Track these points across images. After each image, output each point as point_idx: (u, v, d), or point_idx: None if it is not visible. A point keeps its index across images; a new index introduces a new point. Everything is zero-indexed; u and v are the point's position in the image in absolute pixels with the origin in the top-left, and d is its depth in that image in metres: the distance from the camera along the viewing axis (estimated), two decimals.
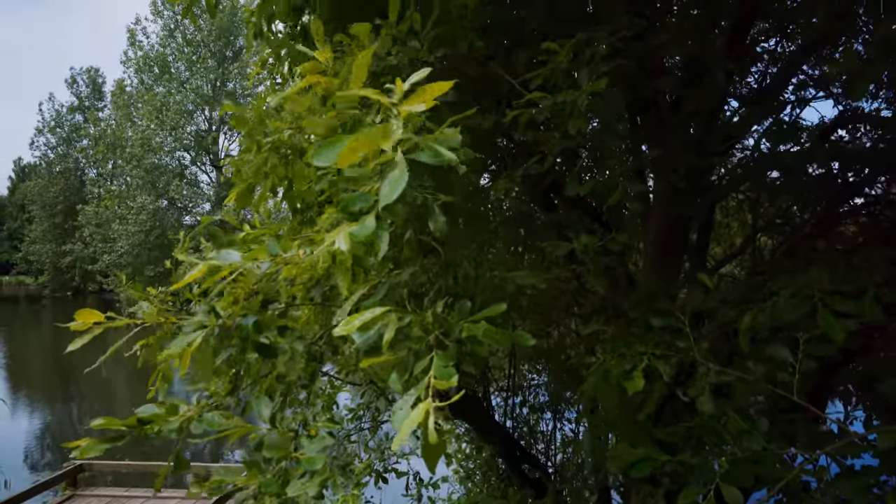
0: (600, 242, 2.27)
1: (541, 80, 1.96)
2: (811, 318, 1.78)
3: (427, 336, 1.28)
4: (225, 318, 1.75)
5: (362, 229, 1.25)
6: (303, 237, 2.88)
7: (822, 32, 4.25)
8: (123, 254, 35.11)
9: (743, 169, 4.27)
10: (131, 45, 40.35)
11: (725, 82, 2.97)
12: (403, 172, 1.12)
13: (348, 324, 1.21)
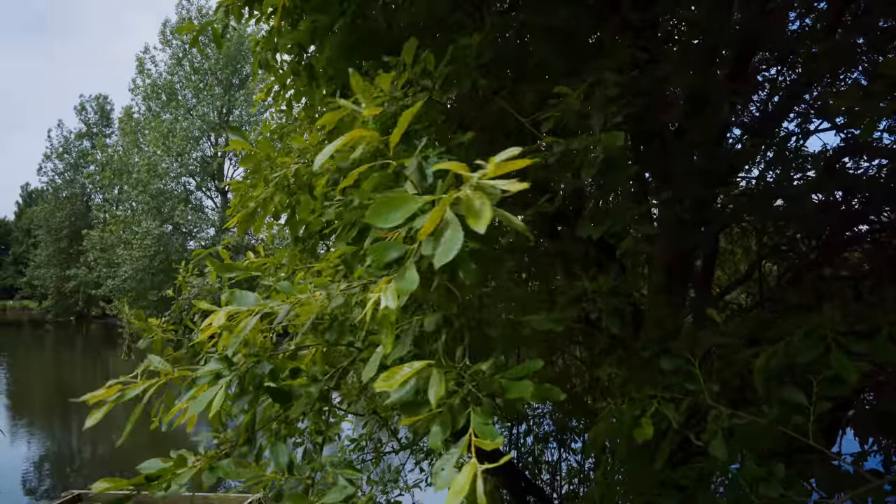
0: (613, 283, 2.25)
1: (552, 122, 1.97)
2: (824, 357, 1.74)
3: (461, 390, 1.26)
4: (239, 365, 1.72)
5: (407, 283, 1.22)
6: (309, 271, 2.87)
7: (823, 63, 4.28)
8: (127, 279, 35.16)
9: (747, 197, 4.26)
10: (140, 73, 41.05)
11: (728, 113, 2.98)
12: (459, 232, 1.10)
13: (388, 378, 1.18)
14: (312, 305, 1.86)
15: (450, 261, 1.58)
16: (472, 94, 2.21)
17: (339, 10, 2.52)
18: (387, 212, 1.17)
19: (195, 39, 4.50)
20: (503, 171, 1.12)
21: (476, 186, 1.11)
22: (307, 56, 3.19)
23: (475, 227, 1.09)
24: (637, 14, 3.20)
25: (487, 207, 1.08)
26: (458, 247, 1.11)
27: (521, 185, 1.10)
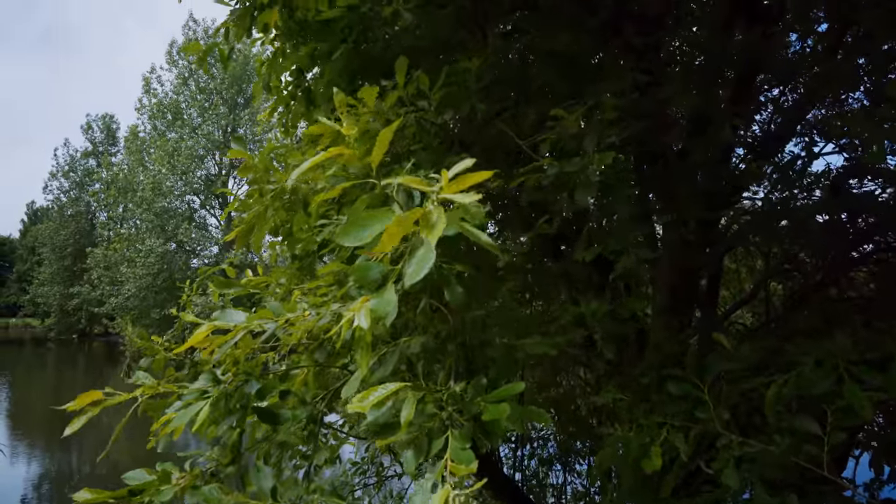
0: (610, 307, 2.22)
1: (549, 145, 1.96)
2: (837, 386, 1.70)
3: (441, 413, 1.22)
4: (226, 383, 1.69)
5: (384, 305, 1.20)
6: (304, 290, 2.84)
7: (824, 85, 4.28)
8: (130, 297, 35.18)
9: (752, 218, 4.24)
10: (146, 93, 41.52)
11: (731, 134, 2.97)
12: (431, 251, 1.08)
13: (362, 400, 1.15)
14: (302, 325, 1.83)
15: (437, 283, 1.56)
16: (472, 116, 2.20)
17: (341, 36, 2.54)
18: (356, 230, 1.14)
19: (201, 60, 4.55)
20: (461, 186, 1.10)
21: (441, 202, 1.09)
22: (307, 80, 3.20)
23: (429, 239, 1.07)
24: (639, 37, 3.21)
25: (443, 219, 1.06)
26: (429, 265, 1.08)
27: (474, 197, 1.08)
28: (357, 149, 1.60)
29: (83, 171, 54.64)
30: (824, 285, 4.74)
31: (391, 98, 1.83)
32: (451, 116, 2.03)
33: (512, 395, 1.27)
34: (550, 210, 2.21)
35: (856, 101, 5.68)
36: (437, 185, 1.06)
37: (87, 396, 1.50)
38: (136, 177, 38.97)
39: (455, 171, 1.06)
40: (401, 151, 1.91)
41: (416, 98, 1.95)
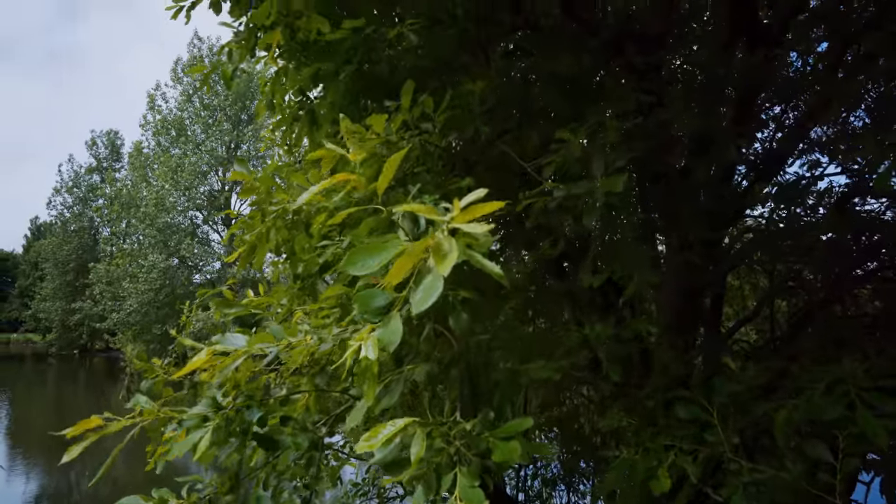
0: (614, 330, 2.20)
1: (553, 167, 1.95)
2: (849, 412, 1.67)
3: (449, 447, 1.20)
4: (227, 408, 1.67)
5: (390, 334, 1.18)
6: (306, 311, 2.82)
7: (825, 103, 4.29)
8: (132, 312, 35.12)
9: (755, 237, 4.22)
10: (150, 110, 41.85)
11: (735, 155, 2.97)
12: (439, 280, 1.06)
13: (370, 439, 1.13)
14: (303, 349, 1.82)
15: (441, 310, 1.54)
16: (475, 138, 2.20)
17: (345, 58, 2.55)
18: (363, 259, 1.13)
19: (206, 80, 4.58)
20: (472, 216, 1.09)
21: (450, 231, 1.08)
22: (310, 100, 3.21)
23: (439, 271, 1.05)
24: (641, 57, 3.23)
25: (455, 250, 1.04)
26: (437, 294, 1.07)
27: (486, 228, 1.07)
28: (363, 173, 1.59)
29: (87, 186, 54.89)
30: (829, 303, 4.71)
31: (396, 121, 1.83)
32: (454, 139, 2.03)
33: (520, 431, 1.25)
34: (555, 232, 2.20)
35: (858, 120, 5.69)
36: (448, 215, 1.05)
37: (85, 423, 1.48)
38: (140, 192, 39.14)
39: (467, 200, 1.04)
40: (404, 174, 1.91)
41: (420, 121, 1.95)
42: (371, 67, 2.57)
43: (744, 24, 3.72)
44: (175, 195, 37.83)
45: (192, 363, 1.64)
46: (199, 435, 1.46)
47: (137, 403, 1.61)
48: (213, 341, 1.60)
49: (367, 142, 1.74)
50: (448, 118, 1.98)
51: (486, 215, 1.18)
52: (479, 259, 1.06)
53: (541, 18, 3.41)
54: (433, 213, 1.07)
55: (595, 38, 3.27)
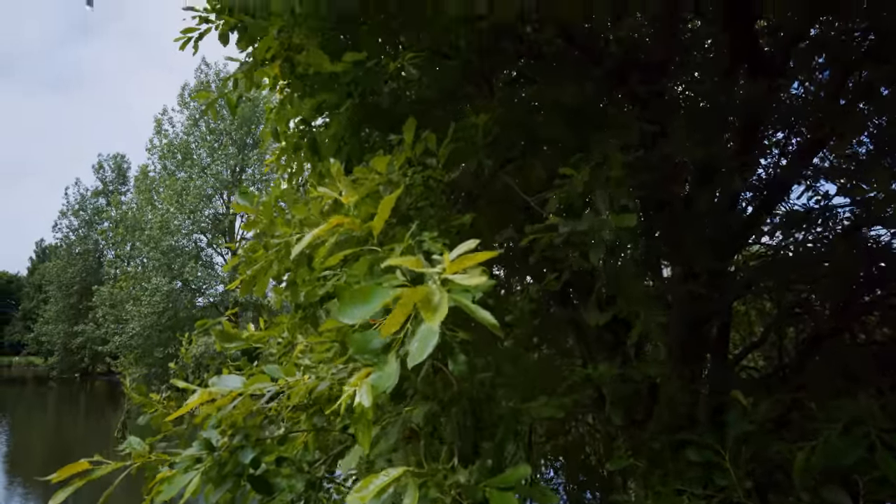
0: (619, 371, 2.15)
1: (557, 201, 1.93)
2: (869, 454, 1.61)
3: (444, 497, 1.16)
4: (221, 449, 1.62)
5: (385, 378, 1.15)
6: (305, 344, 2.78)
7: (827, 130, 4.29)
8: (134, 335, 35.03)
9: (762, 265, 4.19)
10: (157, 134, 42.31)
11: (740, 184, 2.95)
12: (435, 331, 1.03)
13: (363, 489, 1.09)
14: (300, 388, 1.78)
15: (440, 351, 1.50)
16: (479, 171, 2.19)
17: (347, 90, 2.56)
18: (355, 306, 1.10)
19: (211, 106, 4.62)
20: (461, 267, 1.06)
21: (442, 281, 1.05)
22: (313, 130, 3.23)
23: (429, 323, 1.02)
24: (644, 86, 3.23)
25: (444, 304, 1.01)
26: (433, 344, 1.04)
27: (480, 280, 1.05)
28: (360, 212, 1.58)
29: (93, 209, 55.28)
30: (838, 330, 4.65)
31: (399, 160, 1.82)
32: (458, 174, 2.02)
33: (518, 481, 1.21)
34: (559, 264, 2.17)
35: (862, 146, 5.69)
36: (439, 266, 1.02)
37: (72, 467, 1.44)
38: (145, 215, 39.34)
39: (458, 252, 1.02)
40: (407, 209, 1.89)
41: (423, 157, 1.94)
42: (373, 99, 2.58)
43: (745, 53, 3.73)
44: (180, 218, 38.02)
45: (185, 405, 1.61)
46: (189, 478, 1.42)
47: (130, 446, 1.57)
48: (209, 382, 1.57)
49: (369, 181, 1.73)
50: (451, 152, 1.97)
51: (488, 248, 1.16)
52: (471, 307, 1.03)
53: (543, 47, 3.43)
54: (421, 266, 1.04)
55: (598, 67, 3.29)
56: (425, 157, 1.96)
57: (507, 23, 2.67)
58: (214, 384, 1.59)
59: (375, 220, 1.39)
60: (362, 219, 1.70)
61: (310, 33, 2.40)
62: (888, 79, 4.14)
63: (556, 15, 2.69)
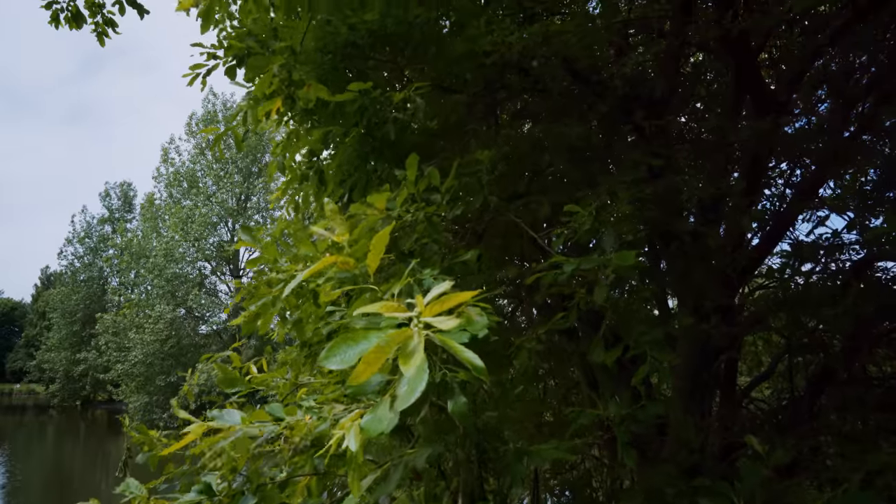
0: (627, 411, 2.10)
1: (563, 240, 1.92)
2: None
3: None
4: (221, 495, 1.58)
5: (376, 423, 1.12)
6: (309, 384, 2.74)
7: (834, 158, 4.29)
8: (137, 363, 34.83)
9: (770, 300, 4.14)
10: (164, 162, 42.76)
11: (748, 224, 2.94)
12: (423, 372, 1.00)
13: None
14: (301, 428, 1.74)
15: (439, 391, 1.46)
16: (484, 207, 2.18)
17: (353, 120, 2.57)
18: (342, 350, 1.06)
19: (217, 141, 4.66)
20: (442, 308, 1.03)
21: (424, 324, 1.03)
22: (320, 161, 3.24)
23: (403, 369, 0.99)
24: (649, 120, 3.24)
25: (421, 350, 0.99)
26: (421, 388, 1.00)
27: (454, 323, 1.02)
28: (357, 249, 1.56)
29: (98, 237, 55.58)
30: (849, 362, 4.57)
31: (401, 197, 1.81)
32: (462, 212, 2.01)
33: None
34: (566, 302, 2.14)
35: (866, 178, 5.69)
36: (415, 310, 1.00)
37: None
38: (150, 243, 39.50)
39: (433, 294, 1.00)
40: (410, 247, 1.88)
41: (427, 192, 1.93)
42: (379, 130, 2.59)
43: (749, 87, 3.76)
44: (184, 246, 38.16)
45: (184, 438, 1.57)
46: None
47: (127, 488, 1.53)
48: (209, 416, 1.53)
49: (368, 217, 1.71)
50: (456, 189, 1.96)
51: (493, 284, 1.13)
52: (457, 349, 1.00)
53: (549, 82, 3.46)
54: (400, 310, 1.02)
55: (603, 101, 3.30)
56: (429, 194, 1.95)
57: (513, 59, 2.70)
58: (215, 418, 1.55)
59: (369, 258, 1.37)
60: (358, 256, 1.68)
61: (312, 67, 2.42)
62: (891, 110, 4.15)
63: (560, 51, 2.72)
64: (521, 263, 2.81)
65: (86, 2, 4.54)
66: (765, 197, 5.80)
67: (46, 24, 4.73)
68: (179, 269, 37.79)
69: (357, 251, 1.69)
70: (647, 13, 4.02)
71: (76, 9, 4.52)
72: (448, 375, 1.38)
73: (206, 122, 42.16)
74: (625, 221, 1.85)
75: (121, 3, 4.49)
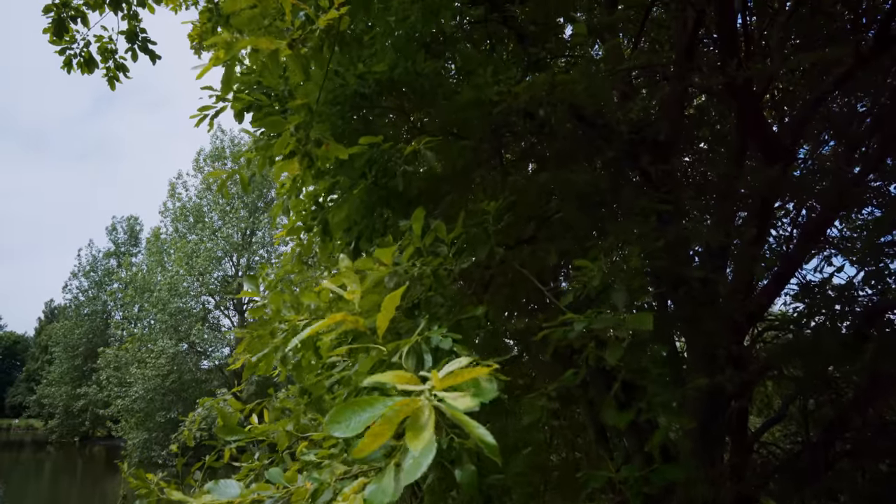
0: (640, 474, 2.03)
1: (572, 296, 1.88)
2: None
3: None
4: None
5: (380, 496, 1.07)
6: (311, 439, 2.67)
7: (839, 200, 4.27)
8: (137, 398, 34.47)
9: (781, 347, 4.08)
10: (171, 197, 43.18)
11: (760, 274, 2.91)
12: (431, 448, 0.96)
13: None
14: (302, 494, 1.67)
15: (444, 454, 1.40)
16: (491, 258, 2.15)
17: (361, 171, 2.57)
18: (347, 418, 1.02)
19: (223, 185, 4.68)
20: (451, 383, 1.00)
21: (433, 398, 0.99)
22: (323, 208, 3.24)
23: (411, 445, 0.95)
24: (655, 165, 3.25)
25: (431, 424, 0.94)
26: (428, 461, 0.95)
27: (471, 403, 0.98)
28: (364, 304, 1.53)
29: (104, 270, 55.77)
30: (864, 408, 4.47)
31: (408, 252, 1.79)
32: (469, 264, 1.98)
33: None
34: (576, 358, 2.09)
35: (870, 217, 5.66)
36: (428, 384, 0.96)
37: None
38: (155, 277, 39.55)
39: (448, 369, 0.96)
40: (415, 300, 1.85)
41: (434, 244, 1.91)
42: (387, 181, 2.59)
43: (754, 131, 3.77)
44: (189, 280, 38.19)
45: None
46: None
47: None
48: (206, 488, 1.48)
49: (375, 272, 1.69)
50: (462, 241, 1.94)
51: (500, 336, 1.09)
52: (469, 424, 0.95)
53: (555, 126, 3.48)
54: (414, 382, 0.98)
55: (609, 145, 3.31)
56: (436, 246, 1.93)
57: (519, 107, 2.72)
58: (211, 491, 1.49)
59: (379, 319, 1.34)
60: (366, 310, 1.65)
61: (325, 119, 2.44)
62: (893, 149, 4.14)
63: (566, 98, 2.74)
64: (529, 311, 2.77)
65: (98, 48, 4.65)
66: (772, 236, 5.78)
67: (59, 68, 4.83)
68: (183, 304, 37.73)
69: (363, 305, 1.66)
70: (650, 59, 4.07)
71: (89, 54, 4.62)
72: (456, 442, 1.33)
73: (214, 159, 42.71)
74: (636, 277, 1.82)
75: (133, 50, 4.58)
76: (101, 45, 4.65)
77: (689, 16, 4.66)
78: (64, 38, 4.42)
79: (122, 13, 4.47)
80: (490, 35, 4.45)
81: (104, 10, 4.40)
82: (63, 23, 4.31)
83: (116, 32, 4.63)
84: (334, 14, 1.66)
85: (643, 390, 1.85)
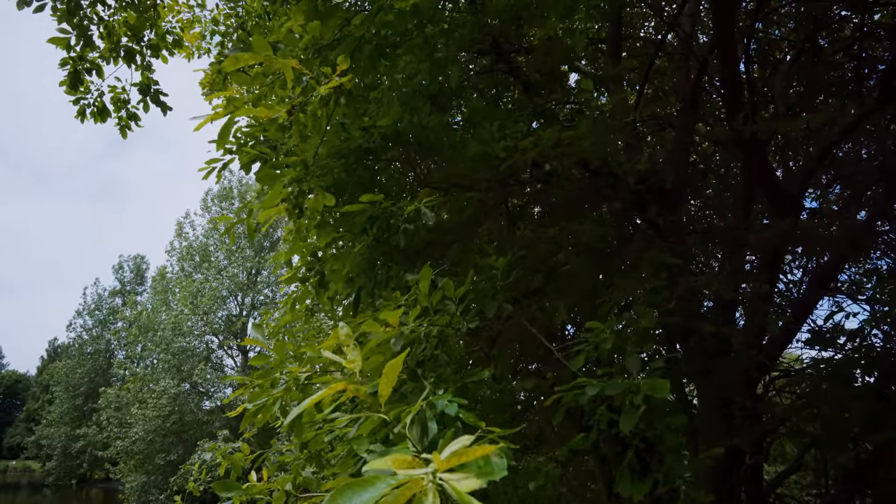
0: None
1: (583, 359, 1.84)
2: None
3: None
4: None
5: None
6: None
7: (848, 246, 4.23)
8: (137, 440, 33.88)
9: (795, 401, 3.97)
10: (178, 236, 43.49)
11: (776, 328, 2.85)
12: None
13: None
14: None
15: None
16: (499, 314, 2.11)
17: (362, 227, 2.57)
18: (347, 499, 0.98)
19: (228, 230, 4.69)
20: (456, 463, 0.96)
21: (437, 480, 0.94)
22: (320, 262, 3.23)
23: None
24: (663, 216, 3.23)
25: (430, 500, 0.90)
26: None
27: (476, 484, 0.94)
28: (367, 365, 1.49)
29: (108, 309, 55.74)
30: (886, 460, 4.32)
31: (414, 313, 1.76)
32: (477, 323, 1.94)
33: None
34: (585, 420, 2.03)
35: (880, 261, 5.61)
36: (430, 466, 0.93)
37: None
38: (159, 316, 39.43)
39: (451, 448, 0.92)
40: (419, 361, 1.80)
41: (441, 303, 1.87)
42: (389, 238, 2.58)
43: (760, 180, 3.77)
44: (193, 320, 38.06)
45: None
46: None
47: None
48: None
49: (380, 333, 1.65)
50: (470, 299, 1.91)
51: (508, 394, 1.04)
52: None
53: (562, 177, 3.49)
54: (413, 466, 0.94)
55: (616, 195, 3.30)
56: (443, 303, 1.89)
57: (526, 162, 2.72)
58: None
59: (381, 387, 1.30)
60: (369, 371, 1.61)
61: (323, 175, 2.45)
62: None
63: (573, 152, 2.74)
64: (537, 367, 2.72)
65: (112, 98, 4.75)
66: (781, 281, 5.72)
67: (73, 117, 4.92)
68: (186, 343, 37.49)
69: (366, 367, 1.62)
70: (655, 110, 4.11)
71: (102, 104, 4.71)
72: None
73: (222, 199, 43.15)
74: (648, 339, 1.77)
75: (145, 101, 4.68)
76: (114, 95, 4.76)
77: (693, 65, 4.73)
78: (79, 89, 4.53)
79: (135, 65, 4.59)
80: (496, 84, 4.52)
81: (119, 62, 4.52)
82: (79, 75, 4.42)
83: (130, 84, 4.74)
84: (336, 82, 1.68)
85: (657, 455, 1.78)
